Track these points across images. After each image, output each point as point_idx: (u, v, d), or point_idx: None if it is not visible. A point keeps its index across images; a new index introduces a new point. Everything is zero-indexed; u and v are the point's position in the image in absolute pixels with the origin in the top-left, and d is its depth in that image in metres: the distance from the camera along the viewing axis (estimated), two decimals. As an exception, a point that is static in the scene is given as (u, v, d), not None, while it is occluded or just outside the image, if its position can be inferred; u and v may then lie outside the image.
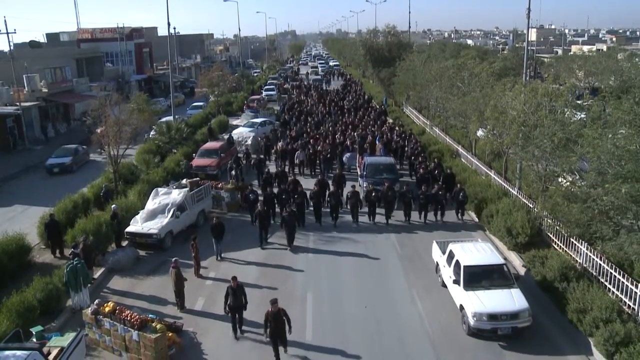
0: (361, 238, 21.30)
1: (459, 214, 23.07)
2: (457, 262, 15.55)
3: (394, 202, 22.88)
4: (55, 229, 19.89)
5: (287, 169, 29.37)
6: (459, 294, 15.01)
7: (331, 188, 23.91)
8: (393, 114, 45.66)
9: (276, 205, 23.11)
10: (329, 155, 29.87)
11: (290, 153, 30.71)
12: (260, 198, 23.06)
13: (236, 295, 14.28)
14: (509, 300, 14.30)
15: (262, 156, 31.69)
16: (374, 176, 25.08)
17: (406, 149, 31.53)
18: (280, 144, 33.37)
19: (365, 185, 24.54)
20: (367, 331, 14.77)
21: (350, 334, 14.68)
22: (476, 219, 22.73)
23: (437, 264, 17.57)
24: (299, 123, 39.99)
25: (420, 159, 28.34)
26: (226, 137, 37.77)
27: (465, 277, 14.98)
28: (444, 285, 16.69)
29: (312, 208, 22.91)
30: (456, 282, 15.18)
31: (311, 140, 32.77)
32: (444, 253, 17.00)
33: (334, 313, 15.79)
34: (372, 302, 16.33)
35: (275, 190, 24.27)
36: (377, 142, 31.79)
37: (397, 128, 36.58)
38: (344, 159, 30.67)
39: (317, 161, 30.52)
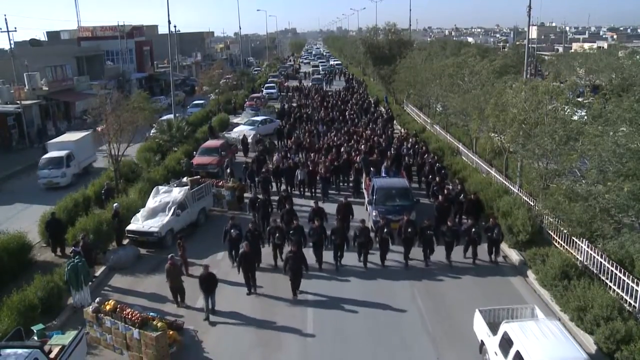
0: (373, 286, 17.26)
1: (493, 255, 18.59)
2: (519, 356, 11.16)
3: (414, 239, 18.49)
4: (56, 227, 19.91)
5: (287, 189, 25.32)
6: None
7: (328, 218, 20.19)
8: (406, 123, 41.10)
9: (267, 245, 18.91)
10: (324, 177, 25.60)
11: (287, 171, 26.28)
12: (251, 222, 19.13)
13: None
14: None
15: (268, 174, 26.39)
16: (384, 203, 21.17)
17: (425, 167, 26.10)
18: (275, 158, 28.90)
19: (374, 214, 20.84)
20: None
21: None
22: (514, 260, 18.71)
23: (483, 343, 13.18)
24: (295, 133, 35.62)
25: (438, 179, 23.98)
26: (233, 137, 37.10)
27: None
28: None
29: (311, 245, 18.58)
30: None
31: (312, 155, 28.93)
32: (493, 332, 12.59)
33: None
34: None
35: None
36: (382, 168, 25.60)
37: (410, 140, 31.73)
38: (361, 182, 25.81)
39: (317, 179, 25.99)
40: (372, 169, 25.43)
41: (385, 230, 18.38)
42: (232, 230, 18.41)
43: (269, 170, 26.53)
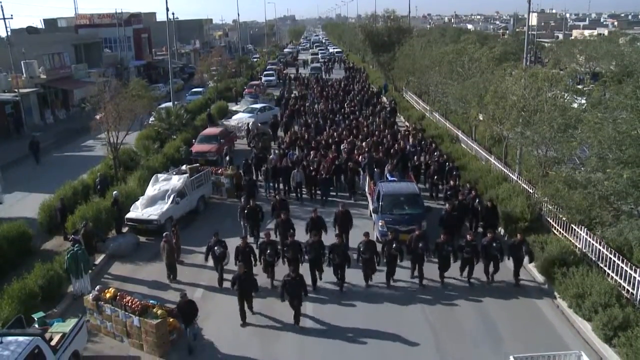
0: (380, 311, 15.04)
1: (517, 276, 16.18)
2: None
3: (425, 256, 16.27)
4: (64, 214, 19.96)
5: (282, 190, 23.97)
6: None
7: (327, 231, 17.75)
8: (405, 109, 40.19)
9: (258, 262, 16.56)
10: (325, 178, 23.33)
11: (285, 171, 23.98)
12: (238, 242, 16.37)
13: None
14: None
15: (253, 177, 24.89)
16: (392, 211, 18.82)
17: (431, 167, 23.59)
18: (271, 157, 26.57)
19: (380, 224, 18.58)
20: None
21: None
22: (539, 278, 16.40)
23: None
24: (292, 127, 33.04)
25: (452, 182, 21.62)
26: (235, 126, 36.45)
27: None
28: None
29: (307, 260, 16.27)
30: None
31: (311, 152, 26.18)
32: None
33: None
34: None
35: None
36: (386, 173, 23.02)
37: (418, 135, 29.32)
38: (361, 183, 23.94)
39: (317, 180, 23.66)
40: (376, 169, 23.25)
41: (394, 245, 16.02)
42: (215, 248, 16.22)
43: (268, 170, 24.35)
